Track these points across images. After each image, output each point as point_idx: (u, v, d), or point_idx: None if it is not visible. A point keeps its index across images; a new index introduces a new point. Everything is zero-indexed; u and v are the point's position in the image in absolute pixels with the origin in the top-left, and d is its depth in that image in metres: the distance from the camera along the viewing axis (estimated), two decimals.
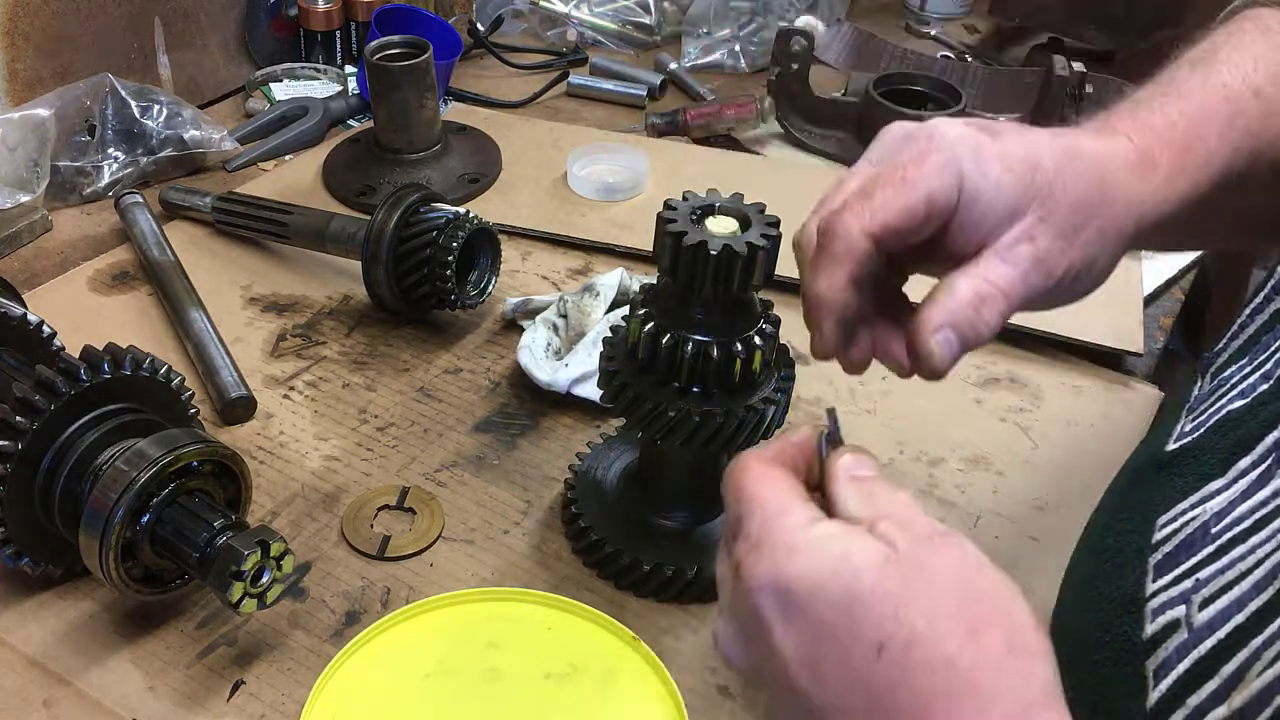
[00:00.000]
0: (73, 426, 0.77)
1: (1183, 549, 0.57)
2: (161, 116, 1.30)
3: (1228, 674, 0.50)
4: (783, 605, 0.49)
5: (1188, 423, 0.66)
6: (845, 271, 0.60)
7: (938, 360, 0.60)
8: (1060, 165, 0.61)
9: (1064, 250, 0.61)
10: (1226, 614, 0.52)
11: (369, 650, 0.78)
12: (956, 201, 0.59)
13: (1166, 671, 0.53)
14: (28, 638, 0.79)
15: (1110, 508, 0.68)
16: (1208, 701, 0.50)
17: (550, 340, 1.04)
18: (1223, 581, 0.53)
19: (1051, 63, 1.38)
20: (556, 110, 1.55)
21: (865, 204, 0.59)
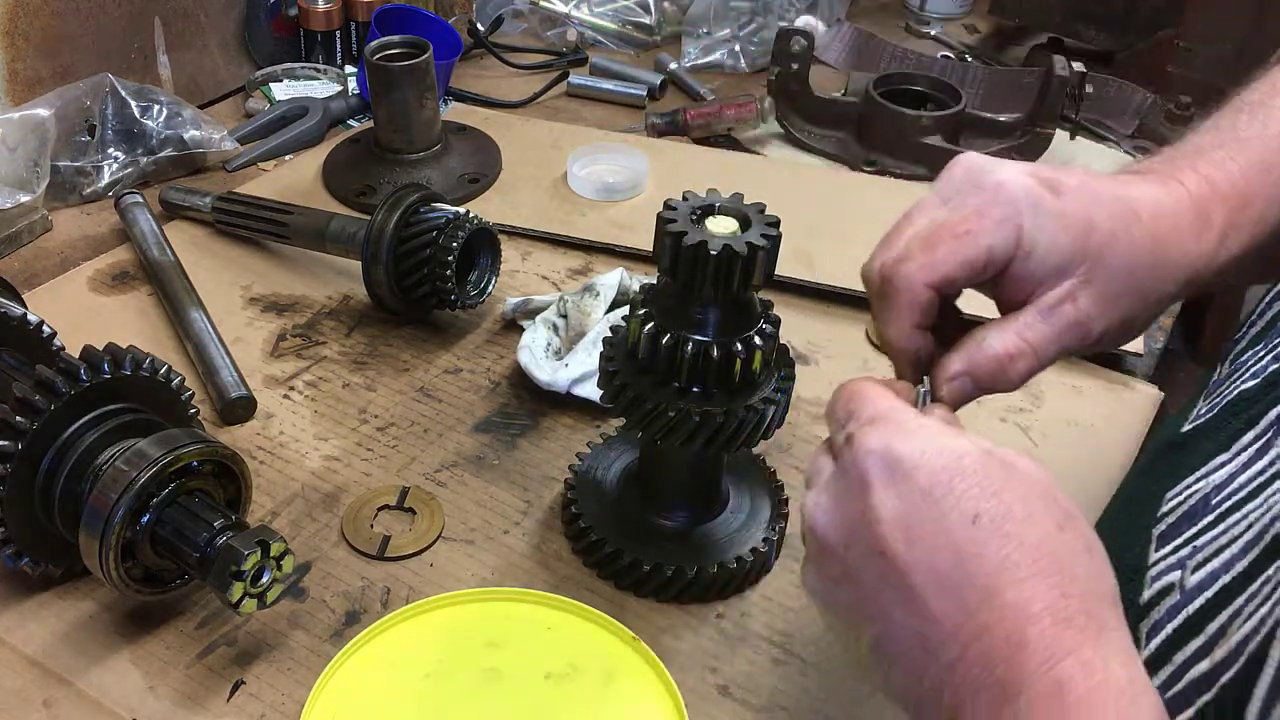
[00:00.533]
0: (73, 426, 0.77)
1: (1185, 520, 0.58)
2: (161, 116, 1.30)
3: (1212, 631, 0.51)
4: (890, 469, 0.53)
5: (1204, 406, 0.67)
6: (910, 319, 0.64)
7: (947, 400, 0.64)
8: (1115, 230, 0.63)
9: (1104, 313, 0.63)
10: (1215, 575, 0.53)
11: (369, 650, 0.78)
12: (1013, 255, 0.62)
13: (1157, 632, 0.55)
14: (28, 638, 0.79)
15: (1125, 489, 0.69)
16: (1192, 658, 0.52)
17: (550, 340, 1.04)
18: (1216, 547, 0.55)
19: (1051, 63, 1.38)
20: (556, 110, 1.55)
21: (928, 255, 0.63)
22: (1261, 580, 0.50)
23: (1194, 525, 0.57)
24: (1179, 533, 0.58)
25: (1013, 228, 0.62)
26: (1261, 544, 0.52)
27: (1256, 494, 0.55)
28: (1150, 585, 0.57)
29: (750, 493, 0.89)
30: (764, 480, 0.91)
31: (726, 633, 0.82)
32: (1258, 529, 0.53)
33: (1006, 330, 0.63)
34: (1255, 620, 0.49)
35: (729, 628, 0.83)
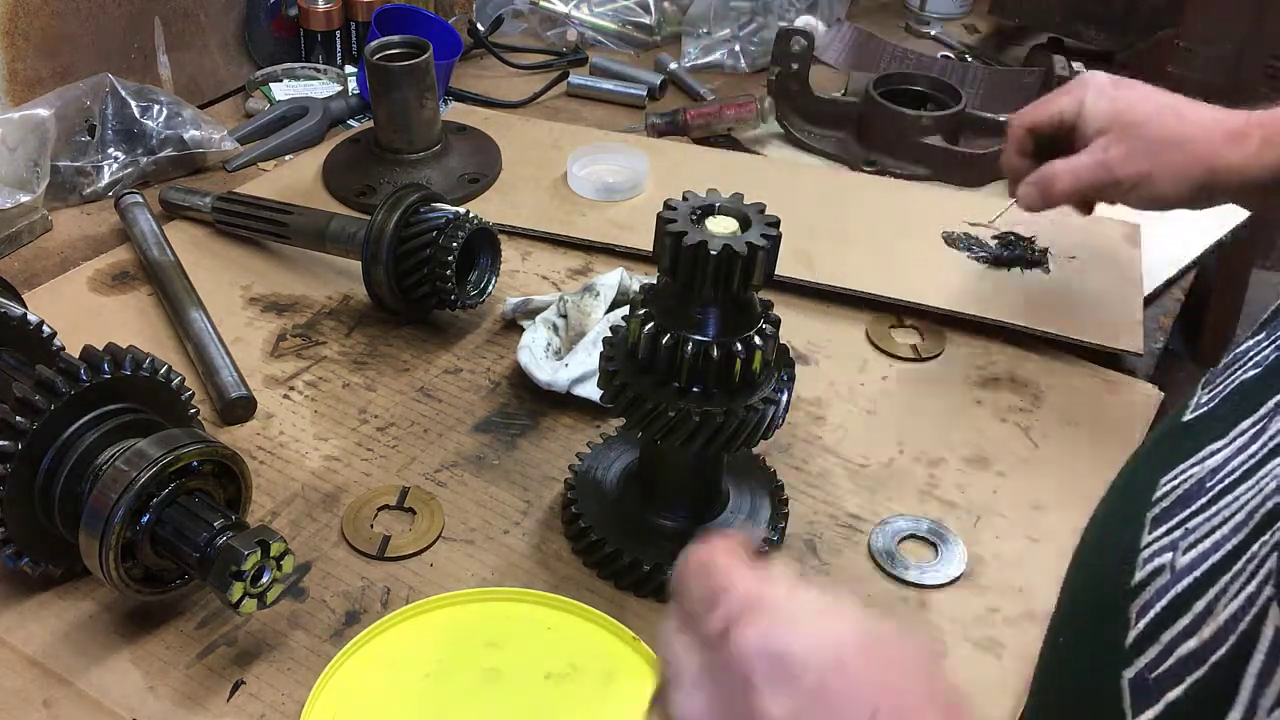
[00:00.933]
0: (73, 426, 0.77)
1: (1179, 503, 0.59)
2: (161, 116, 1.30)
3: (1199, 609, 0.52)
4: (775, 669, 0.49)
5: (1204, 395, 0.68)
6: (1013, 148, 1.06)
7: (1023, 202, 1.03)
8: (1150, 115, 0.96)
9: (1125, 162, 0.95)
10: (1205, 555, 0.54)
11: (369, 650, 0.78)
12: (1076, 117, 0.99)
13: (1146, 611, 0.55)
14: (28, 638, 0.79)
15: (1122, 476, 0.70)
16: (1179, 636, 0.52)
17: (550, 340, 1.04)
18: (1208, 528, 0.56)
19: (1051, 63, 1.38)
20: (556, 110, 1.55)
21: (1025, 112, 1.05)
22: (1247, 558, 0.51)
23: (1188, 508, 0.58)
24: (1172, 516, 0.59)
25: (1076, 100, 0.99)
26: (1251, 523, 0.52)
27: (1249, 475, 0.56)
28: (1142, 567, 0.57)
29: (750, 493, 0.89)
30: (764, 480, 0.91)
31: None
32: (1249, 509, 0.53)
33: (1062, 160, 0.99)
34: (1243, 598, 0.49)
35: None
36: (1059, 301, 1.15)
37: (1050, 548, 0.91)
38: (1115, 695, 0.52)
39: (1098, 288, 1.17)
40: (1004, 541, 0.91)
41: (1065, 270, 1.20)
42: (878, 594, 0.86)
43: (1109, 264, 1.21)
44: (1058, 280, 1.18)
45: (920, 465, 0.98)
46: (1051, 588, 0.86)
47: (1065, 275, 1.19)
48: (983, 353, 1.11)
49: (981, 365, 1.10)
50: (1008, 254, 1.20)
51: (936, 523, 0.92)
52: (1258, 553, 0.50)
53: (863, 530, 0.91)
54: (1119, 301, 1.16)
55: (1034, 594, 0.87)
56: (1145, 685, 0.52)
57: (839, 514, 0.93)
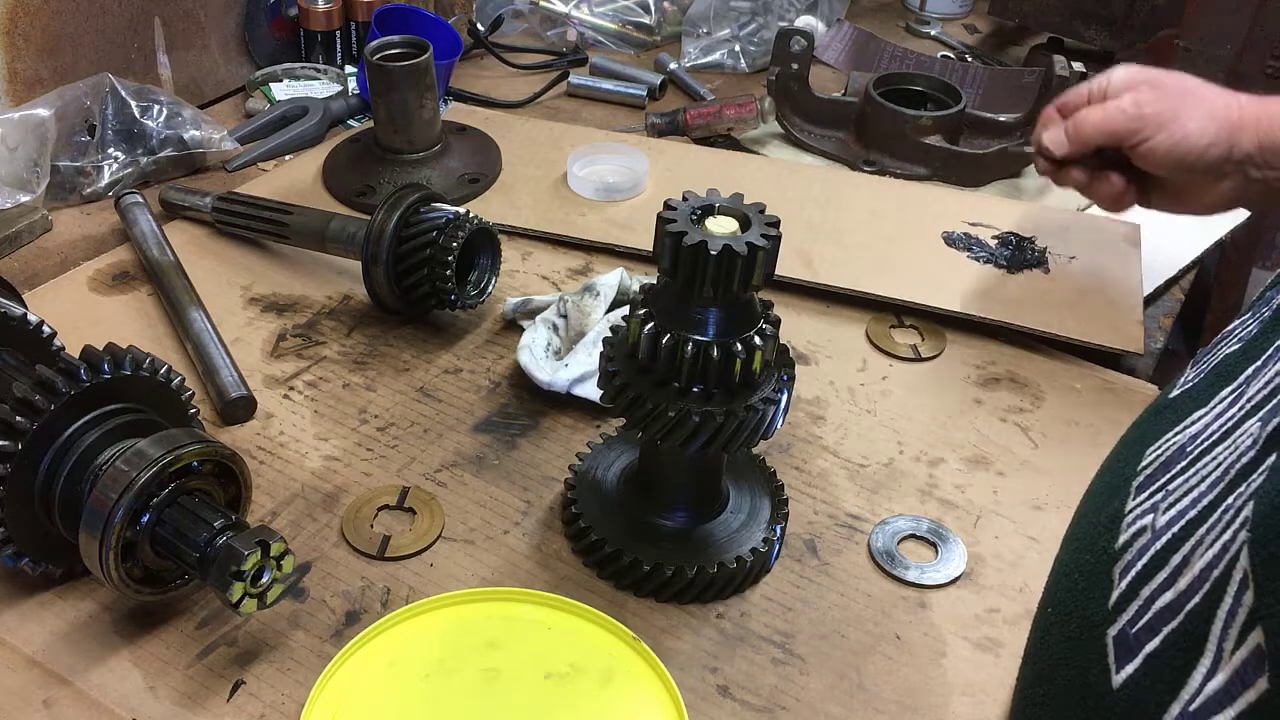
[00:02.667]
0: (73, 426, 0.77)
1: (1161, 469, 0.61)
2: (161, 116, 1.30)
3: (1176, 563, 0.53)
4: None
5: (1191, 372, 0.69)
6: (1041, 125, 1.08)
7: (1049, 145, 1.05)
8: (1175, 88, 1.00)
9: (1153, 100, 0.99)
10: (1183, 513, 0.55)
11: (369, 650, 0.78)
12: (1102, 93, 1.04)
13: (1128, 570, 0.56)
14: (28, 638, 0.79)
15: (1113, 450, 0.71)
16: (1158, 589, 0.53)
17: (550, 340, 1.04)
18: (1186, 488, 0.57)
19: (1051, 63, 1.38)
20: (556, 110, 1.55)
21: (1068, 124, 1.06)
22: (1222, 510, 0.51)
23: (1169, 473, 0.59)
24: (1155, 481, 0.60)
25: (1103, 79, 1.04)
26: (1227, 479, 0.53)
27: (1226, 436, 0.56)
28: (1125, 530, 0.59)
29: (750, 493, 0.89)
30: (764, 480, 0.91)
31: (726, 633, 0.82)
32: (1225, 465, 0.54)
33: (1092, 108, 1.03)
34: (1217, 548, 0.50)
35: (729, 628, 0.83)
36: (1059, 301, 1.15)
37: (1050, 548, 0.90)
38: (1100, 654, 0.54)
39: (1098, 288, 1.17)
40: (1004, 541, 0.91)
41: (1065, 270, 1.20)
42: (878, 594, 0.86)
43: (1109, 264, 1.21)
44: (1058, 280, 1.18)
45: (920, 465, 0.98)
46: None
47: (1065, 275, 1.19)
48: (983, 353, 1.11)
49: (981, 365, 1.10)
50: (1008, 254, 1.20)
51: (936, 523, 0.92)
52: (1233, 504, 0.51)
53: (863, 530, 0.91)
54: (1119, 301, 1.16)
55: (1034, 594, 0.86)
56: (1126, 640, 0.53)
57: (839, 514, 0.93)
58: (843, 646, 0.82)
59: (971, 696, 0.79)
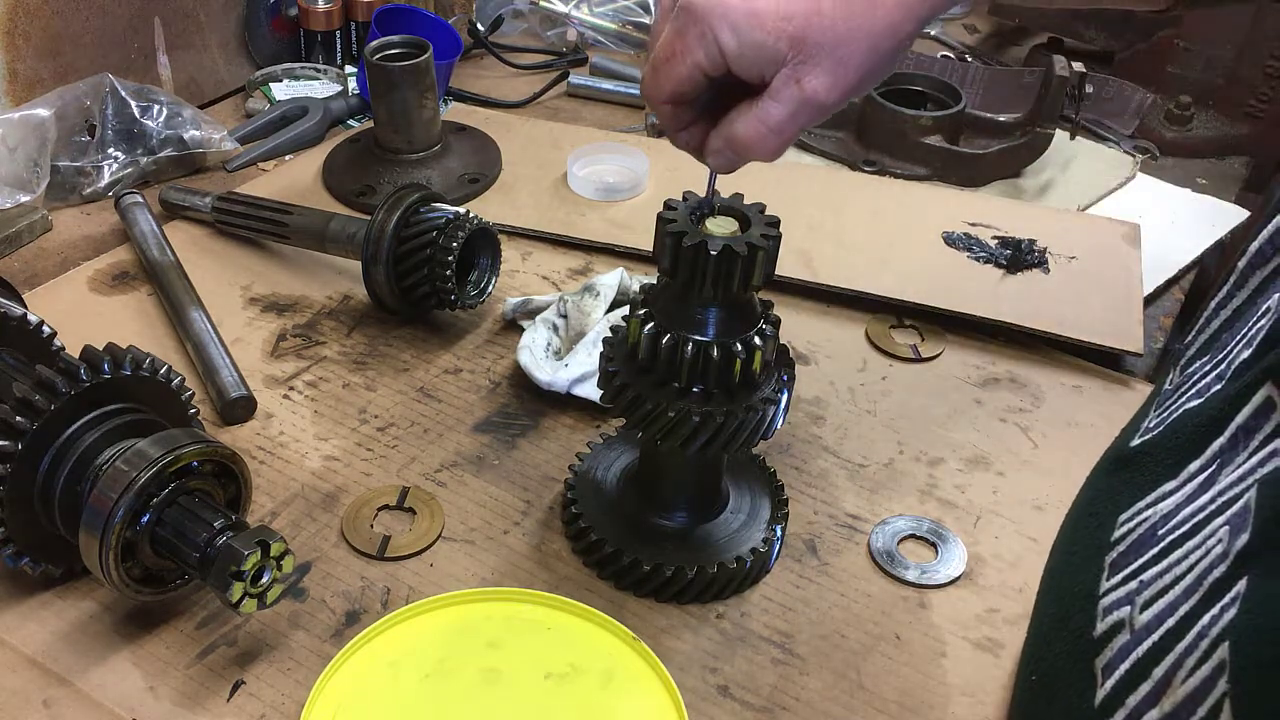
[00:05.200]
0: (73, 426, 0.77)
1: (1133, 550, 0.59)
2: (161, 116, 1.30)
3: (1158, 677, 0.52)
4: None
5: (1153, 418, 0.68)
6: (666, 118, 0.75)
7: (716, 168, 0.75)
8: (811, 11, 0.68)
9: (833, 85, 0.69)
10: (1161, 618, 0.54)
11: (369, 650, 0.78)
12: (724, 61, 0.70)
13: (1111, 671, 0.56)
14: (28, 638, 0.79)
15: (1081, 503, 0.70)
16: (1143, 703, 0.52)
17: (550, 340, 1.04)
18: (1161, 585, 0.56)
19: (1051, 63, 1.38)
20: (556, 110, 1.55)
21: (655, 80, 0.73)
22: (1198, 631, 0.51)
23: (1141, 556, 0.58)
24: (1127, 562, 0.59)
25: (711, 42, 0.69)
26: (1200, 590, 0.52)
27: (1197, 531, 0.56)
28: (1103, 618, 0.58)
29: (750, 493, 0.89)
30: (764, 480, 0.91)
31: (726, 633, 0.82)
32: (1198, 572, 0.54)
33: (749, 117, 0.71)
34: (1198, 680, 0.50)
35: (729, 628, 0.83)
36: (1059, 301, 1.15)
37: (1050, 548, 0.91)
38: None
39: (1098, 288, 1.17)
40: (1004, 541, 0.91)
41: (1065, 270, 1.20)
42: (878, 594, 0.86)
43: (1109, 264, 1.21)
44: (1058, 280, 1.18)
45: (920, 465, 0.98)
46: None
47: (1065, 275, 1.19)
48: (983, 353, 1.11)
49: (981, 365, 1.10)
50: (1007, 254, 1.20)
51: (936, 523, 0.92)
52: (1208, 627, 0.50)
53: (863, 530, 0.91)
54: (1119, 301, 1.15)
55: (1034, 594, 0.86)
56: None
57: (839, 514, 0.93)
58: (843, 646, 0.82)
59: (971, 696, 0.79)
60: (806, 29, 0.68)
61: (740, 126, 0.71)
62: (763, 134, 0.71)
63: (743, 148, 0.72)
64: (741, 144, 0.72)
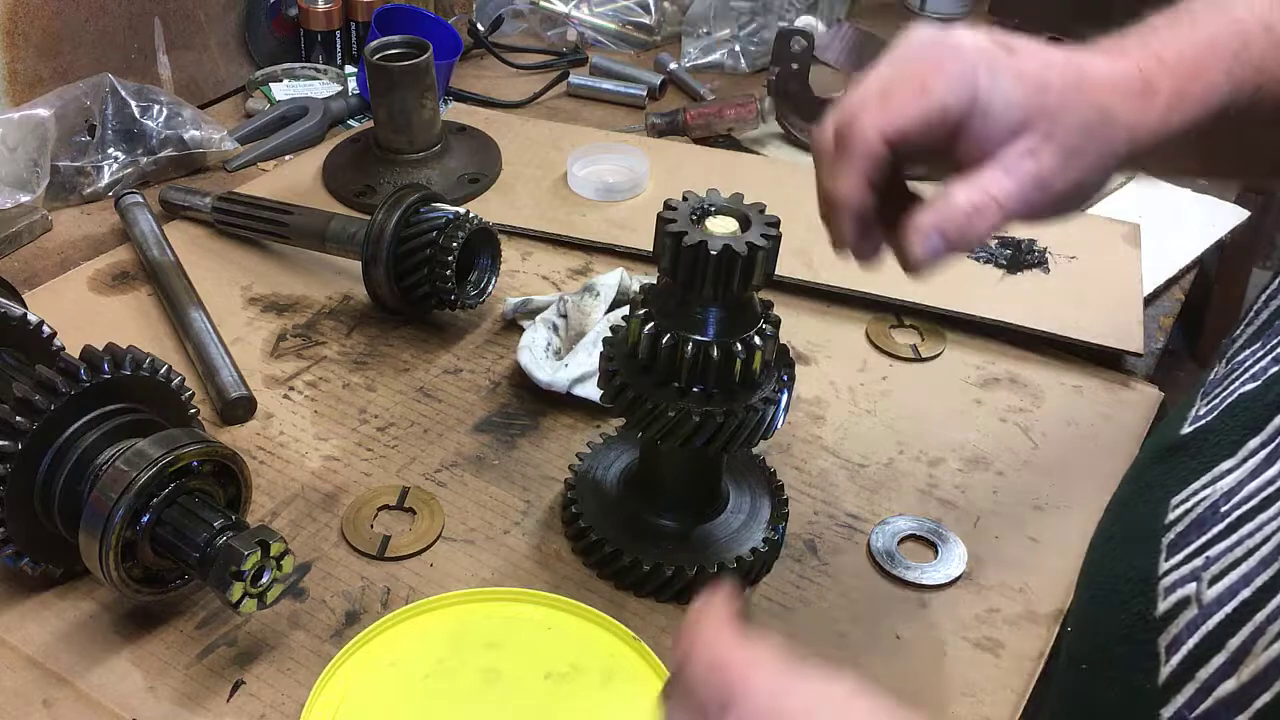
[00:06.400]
0: (73, 426, 0.77)
1: (1194, 528, 0.58)
2: (161, 116, 1.30)
3: (1234, 647, 0.51)
4: None
5: (1202, 406, 0.67)
6: (861, 172, 0.62)
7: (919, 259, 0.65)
8: (1067, 87, 0.63)
9: (1064, 170, 0.63)
10: (1234, 590, 0.53)
11: (369, 650, 0.78)
12: (969, 106, 0.62)
13: (1177, 647, 0.54)
14: (28, 638, 0.79)
15: (1125, 492, 0.69)
16: (1216, 675, 0.51)
17: (550, 340, 1.04)
18: (1231, 559, 0.54)
19: None
20: (556, 110, 1.55)
21: (883, 107, 0.61)
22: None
23: (1204, 534, 0.57)
24: (1188, 541, 0.57)
25: (969, 84, 0.61)
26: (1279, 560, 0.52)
27: (1269, 504, 0.55)
28: (1164, 597, 0.56)
29: (750, 493, 0.89)
30: (764, 480, 0.91)
31: None
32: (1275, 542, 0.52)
33: (972, 185, 0.62)
34: None
35: None
36: (1059, 301, 1.15)
37: (1050, 548, 0.91)
38: None
39: (1098, 288, 1.17)
40: (1004, 541, 0.91)
41: (1065, 270, 1.20)
42: (878, 594, 0.86)
43: (1109, 264, 1.21)
44: (1058, 280, 1.18)
45: (920, 465, 0.98)
46: (1052, 588, 0.87)
47: (1065, 275, 1.19)
48: (983, 353, 1.11)
49: (981, 365, 1.10)
50: (1008, 254, 1.20)
51: (936, 523, 0.92)
52: None
53: (863, 530, 0.91)
54: (1119, 301, 1.15)
55: (1034, 594, 0.87)
56: None
57: (839, 514, 0.93)
58: (843, 646, 0.82)
59: (972, 696, 0.79)
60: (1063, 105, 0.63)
61: (961, 195, 0.62)
62: (986, 203, 0.62)
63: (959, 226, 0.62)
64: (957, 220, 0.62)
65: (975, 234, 0.63)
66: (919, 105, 0.61)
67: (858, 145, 0.62)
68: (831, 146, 0.64)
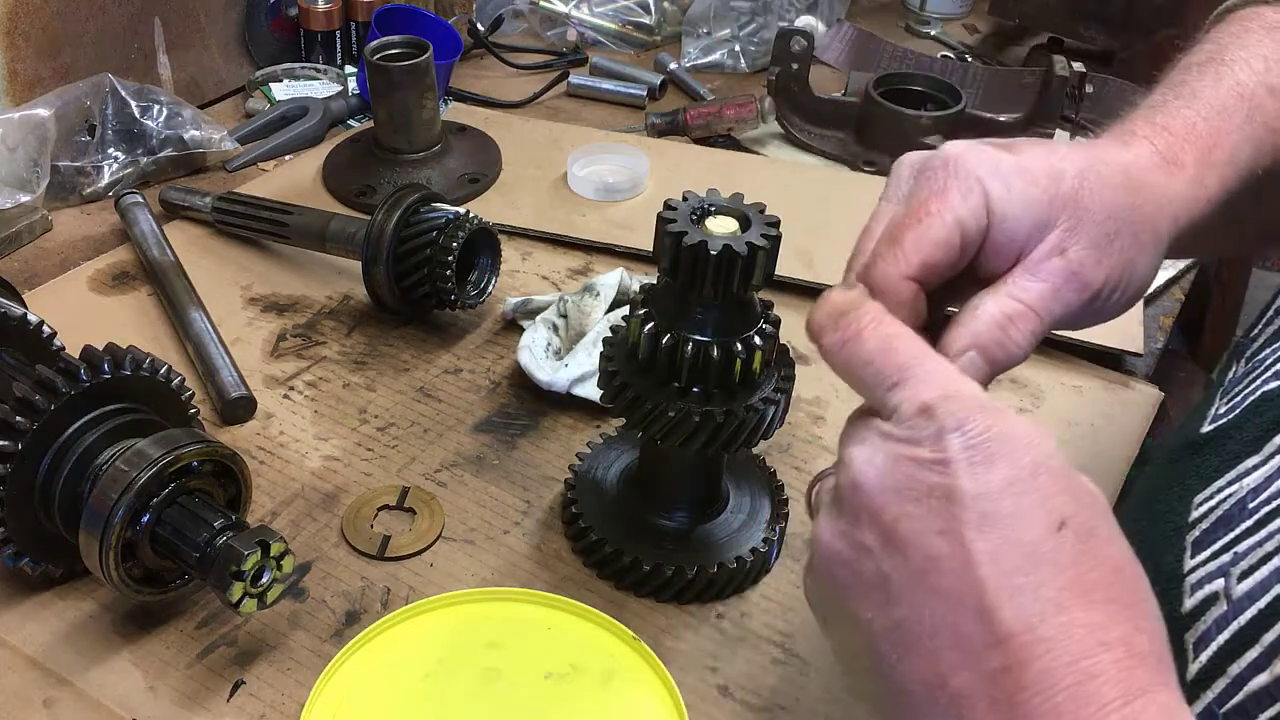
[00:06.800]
0: (73, 426, 0.77)
1: (1220, 525, 0.57)
2: (161, 116, 1.30)
3: (1269, 642, 0.50)
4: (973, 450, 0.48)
5: (1222, 405, 0.66)
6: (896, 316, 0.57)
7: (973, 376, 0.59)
8: (1084, 171, 0.60)
9: (1099, 261, 0.59)
10: (1266, 585, 0.52)
11: (369, 650, 0.78)
12: (987, 224, 0.58)
13: (1206, 643, 0.53)
14: (28, 638, 0.79)
15: (1145, 491, 0.68)
16: (1249, 670, 0.50)
17: (550, 340, 1.04)
18: (1261, 554, 0.53)
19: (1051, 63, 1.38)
20: (556, 110, 1.55)
21: (897, 249, 0.58)
22: None
23: (1231, 531, 0.56)
24: (1215, 538, 0.57)
25: (978, 195, 0.58)
26: None
27: None
28: (1191, 594, 0.55)
29: (750, 493, 0.89)
30: (764, 480, 0.91)
31: (726, 633, 0.82)
32: None
33: (999, 294, 0.59)
34: None
35: (729, 628, 0.83)
36: None
37: None
38: None
39: None
40: None
41: None
42: None
43: None
44: None
45: None
46: None
47: None
48: None
49: None
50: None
51: None
52: None
53: None
54: None
55: None
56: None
57: None
58: None
59: None
60: (1082, 190, 0.59)
61: (990, 306, 0.58)
62: (1017, 311, 0.58)
63: (996, 332, 0.58)
64: (993, 325, 0.58)
65: (1014, 345, 0.59)
66: (933, 233, 0.58)
67: (886, 298, 0.57)
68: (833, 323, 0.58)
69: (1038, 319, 0.59)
